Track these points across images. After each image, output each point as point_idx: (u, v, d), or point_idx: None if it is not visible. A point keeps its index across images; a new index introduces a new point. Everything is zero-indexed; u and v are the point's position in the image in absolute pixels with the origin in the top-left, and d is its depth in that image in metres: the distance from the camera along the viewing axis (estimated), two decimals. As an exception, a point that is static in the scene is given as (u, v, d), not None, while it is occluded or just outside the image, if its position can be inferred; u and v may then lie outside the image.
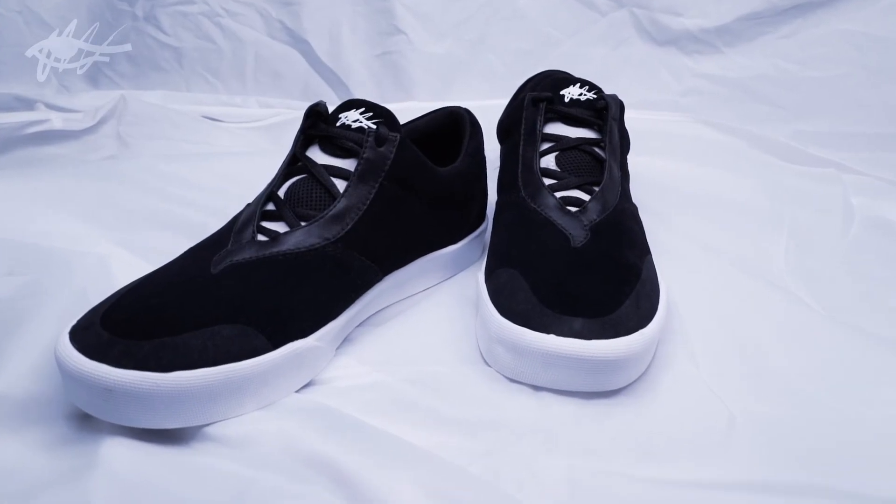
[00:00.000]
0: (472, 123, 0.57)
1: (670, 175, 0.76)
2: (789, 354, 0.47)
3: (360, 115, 0.46)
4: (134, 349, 0.35)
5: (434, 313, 0.51)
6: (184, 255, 0.44)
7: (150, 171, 0.66)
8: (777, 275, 0.59)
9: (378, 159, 0.45)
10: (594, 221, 0.49)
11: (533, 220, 0.50)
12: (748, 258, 0.61)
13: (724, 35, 0.96)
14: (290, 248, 0.42)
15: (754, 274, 0.57)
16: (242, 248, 0.42)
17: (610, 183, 0.52)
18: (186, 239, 0.47)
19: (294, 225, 0.43)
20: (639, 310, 0.43)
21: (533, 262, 0.46)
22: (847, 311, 0.54)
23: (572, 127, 0.55)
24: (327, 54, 0.98)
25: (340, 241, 0.44)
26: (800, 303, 0.54)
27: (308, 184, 0.45)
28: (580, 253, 0.46)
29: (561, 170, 0.53)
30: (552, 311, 0.41)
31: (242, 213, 0.46)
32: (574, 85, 0.57)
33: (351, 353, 0.46)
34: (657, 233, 0.56)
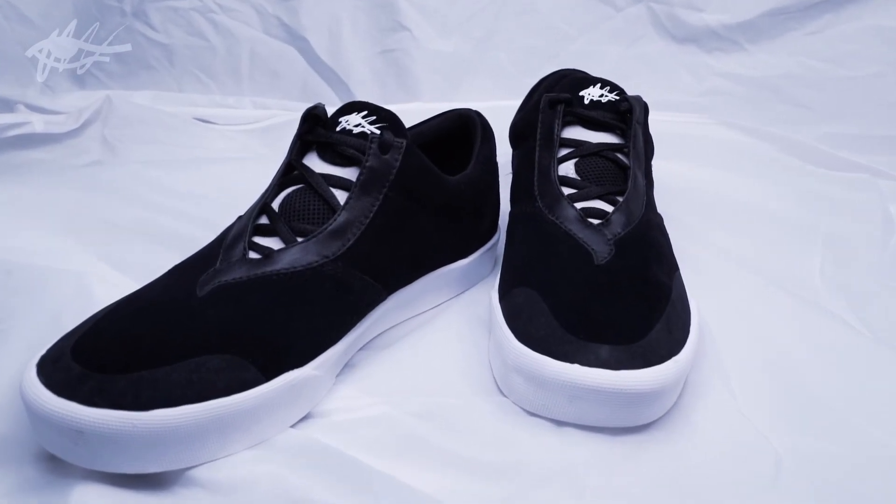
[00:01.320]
0: (484, 127, 0.54)
1: (693, 181, 0.74)
2: (833, 381, 0.45)
3: (362, 120, 0.44)
4: (108, 385, 0.32)
5: (443, 335, 0.48)
6: (168, 275, 0.41)
7: (136, 178, 0.63)
8: (814, 291, 0.57)
9: (382, 168, 0.42)
10: (618, 235, 0.46)
11: (551, 233, 0.47)
12: (781, 273, 0.58)
13: (747, 31, 0.94)
14: (285, 267, 0.39)
15: (789, 290, 0.55)
16: (232, 267, 0.39)
17: (634, 192, 0.49)
18: (174, 253, 0.45)
19: (290, 241, 0.40)
20: (670, 335, 0.40)
21: (553, 282, 0.43)
22: (892, 331, 0.51)
23: (593, 131, 0.52)
24: (327, 52, 0.97)
25: (341, 259, 0.41)
26: (841, 323, 0.51)
27: (305, 195, 0.42)
28: (604, 271, 0.43)
29: (581, 178, 0.50)
30: (575, 337, 0.39)
31: (233, 228, 0.43)
32: (594, 85, 0.54)
33: (352, 382, 0.43)
34: (683, 245, 0.54)
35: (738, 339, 0.48)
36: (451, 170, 0.50)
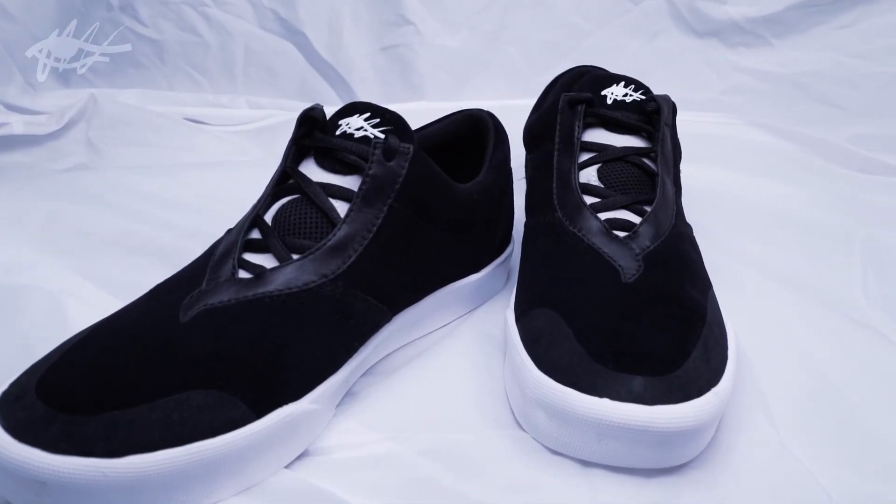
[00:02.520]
0: (497, 129, 0.52)
1: (718, 186, 0.71)
2: (883, 411, 0.42)
3: (364, 122, 0.41)
4: (76, 427, 0.29)
5: (453, 359, 0.45)
6: (148, 296, 0.38)
7: (120, 184, 0.61)
8: (857, 307, 0.54)
9: (387, 176, 0.40)
10: (647, 249, 0.43)
11: (572, 247, 0.44)
12: (820, 287, 0.56)
13: (773, 25, 0.92)
14: (279, 289, 0.36)
15: (830, 306, 0.52)
16: (219, 289, 0.36)
17: (663, 201, 0.47)
18: (160, 268, 0.43)
19: (284, 258, 0.37)
20: (708, 363, 0.37)
21: (576, 302, 0.40)
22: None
23: (617, 134, 0.50)
24: (326, 48, 0.95)
25: (341, 279, 0.38)
26: (889, 343, 0.48)
27: (301, 206, 0.40)
28: (633, 290, 0.41)
29: (605, 185, 0.47)
30: (604, 366, 0.36)
31: (221, 243, 0.40)
32: (617, 84, 0.52)
33: (354, 414, 0.40)
34: (711, 257, 0.51)
35: (777, 363, 0.45)
36: (461, 176, 0.48)
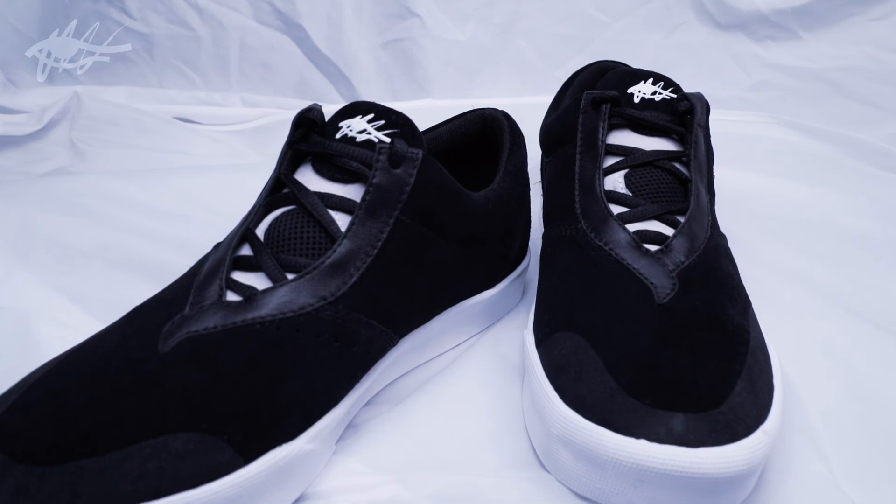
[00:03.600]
0: (513, 131, 0.49)
1: (749, 190, 0.69)
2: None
3: (367, 125, 0.38)
4: (36, 481, 0.26)
5: (466, 387, 0.42)
6: (125, 321, 0.35)
7: (102, 190, 0.59)
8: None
9: (393, 185, 0.37)
10: (682, 265, 0.40)
11: (599, 263, 0.41)
12: (866, 301, 0.52)
13: (802, 17, 0.90)
14: (272, 313, 0.33)
15: (880, 324, 0.49)
16: (204, 314, 0.33)
17: (697, 211, 0.44)
18: (145, 285, 0.42)
19: (278, 278, 0.35)
20: (755, 395, 0.34)
21: (605, 326, 0.37)
22: None
23: (645, 136, 0.47)
24: (326, 42, 0.94)
25: (342, 301, 0.35)
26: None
27: (297, 219, 0.37)
28: (668, 311, 0.38)
29: (633, 193, 0.44)
30: (639, 402, 0.33)
31: (207, 260, 0.37)
32: (645, 81, 0.49)
33: (356, 451, 0.37)
34: (748, 270, 0.48)
35: (823, 388, 0.43)
36: (472, 183, 0.45)
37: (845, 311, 0.50)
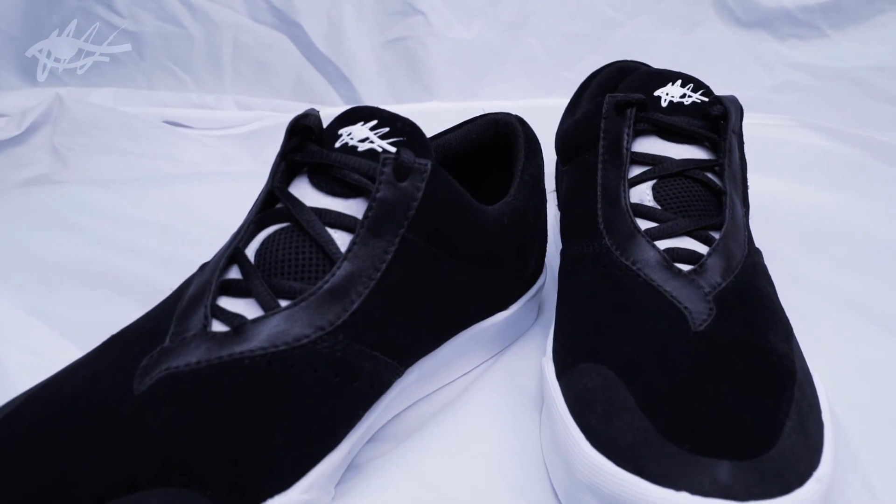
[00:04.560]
0: (528, 138, 0.47)
1: (777, 199, 0.67)
2: None
3: (370, 133, 0.36)
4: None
5: (477, 420, 0.40)
6: (100, 352, 0.32)
7: (82, 200, 0.58)
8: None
9: (399, 200, 0.34)
10: (718, 287, 0.38)
11: (625, 284, 0.39)
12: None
13: (830, 14, 0.89)
14: (263, 346, 0.31)
15: None
16: (186, 347, 0.30)
17: (733, 226, 0.41)
18: (127, 305, 0.39)
19: (269, 305, 0.32)
20: (806, 437, 0.32)
21: (636, 358, 0.35)
22: None
23: (674, 143, 0.45)
24: (325, 41, 0.93)
25: (342, 331, 0.32)
26: None
27: (292, 238, 0.34)
28: (705, 340, 0.35)
29: (662, 207, 0.42)
30: (679, 447, 0.30)
31: (191, 284, 0.34)
32: (673, 82, 0.46)
33: (357, 495, 0.35)
34: (786, 289, 0.46)
35: (873, 423, 0.40)
36: (483, 194, 0.43)
37: (887, 332, 0.48)
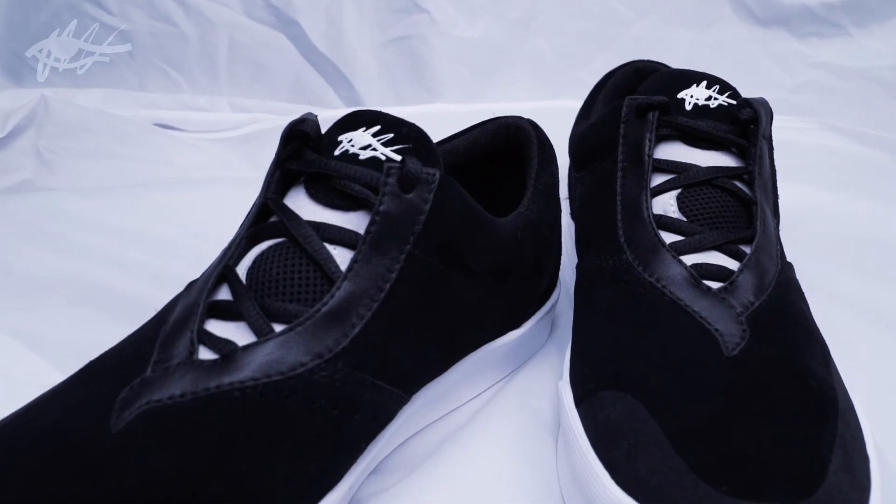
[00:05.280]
0: (542, 143, 0.45)
1: (801, 207, 0.64)
2: None
3: (372, 139, 0.34)
4: None
5: (488, 449, 0.38)
6: (75, 382, 0.30)
7: (65, 208, 0.57)
8: None
9: (404, 214, 0.32)
10: (751, 307, 0.36)
11: (650, 303, 0.37)
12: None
13: (852, 12, 0.88)
14: (255, 376, 0.28)
15: None
16: (170, 377, 0.28)
17: (765, 239, 0.39)
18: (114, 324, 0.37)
19: (262, 330, 0.30)
20: (853, 474, 0.29)
21: (664, 386, 0.33)
22: None
23: (699, 150, 0.43)
24: (324, 40, 0.92)
25: (342, 358, 0.30)
26: None
27: (287, 255, 0.32)
28: (740, 366, 0.33)
29: (688, 218, 0.40)
30: (715, 488, 0.28)
31: (177, 305, 0.32)
32: (698, 84, 0.44)
33: None
34: (818, 306, 0.44)
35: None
36: (493, 204, 0.41)
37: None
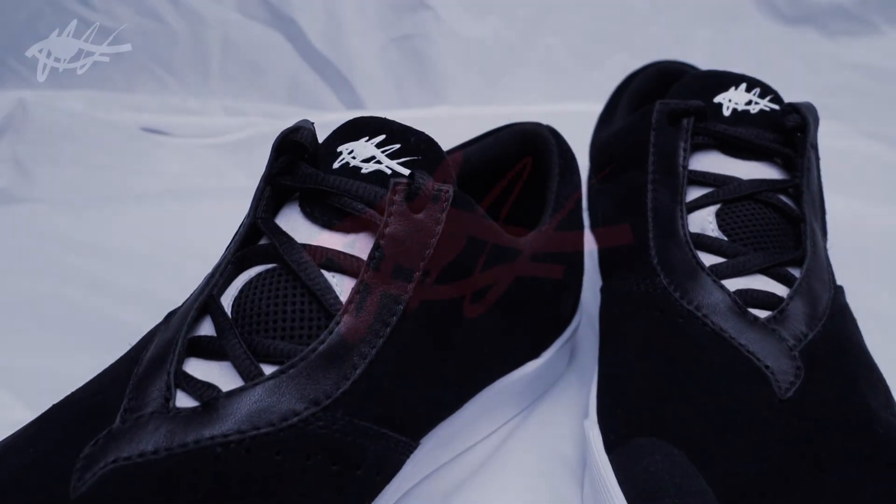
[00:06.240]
0: (563, 153, 0.42)
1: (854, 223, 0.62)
2: None
3: (377, 150, 0.31)
4: None
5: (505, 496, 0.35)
6: (34, 435, 0.27)
7: (42, 223, 0.55)
8: None
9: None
10: (804, 339, 0.33)
11: (690, 335, 0.34)
12: None
13: (886, 7, 0.87)
14: (241, 429, 0.25)
15: None
16: (142, 429, 0.25)
17: (815, 261, 0.36)
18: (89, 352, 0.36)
19: (250, 373, 0.27)
20: None
21: (711, 434, 0.30)
22: None
23: (739, 160, 0.40)
24: (323, 39, 0.91)
25: (342, 406, 0.27)
26: None
27: (278, 284, 0.29)
28: (796, 411, 0.30)
29: (729, 237, 0.37)
30: None
31: (153, 340, 0.29)
32: (736, 86, 0.42)
33: None
34: (869, 334, 0.40)
35: None
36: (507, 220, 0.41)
37: None
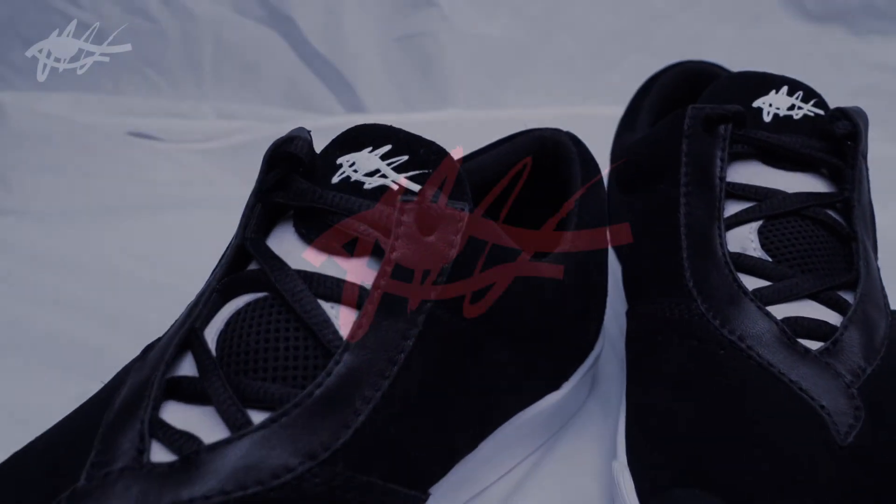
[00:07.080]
0: (585, 162, 0.40)
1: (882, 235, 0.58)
2: None
3: (381, 162, 0.29)
4: None
5: None
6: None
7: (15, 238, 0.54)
8: None
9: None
10: (862, 374, 0.30)
11: (733, 370, 0.32)
12: None
13: None
14: (225, 488, 0.23)
15: None
16: (110, 489, 0.22)
17: (870, 286, 0.34)
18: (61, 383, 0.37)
19: (235, 421, 0.24)
20: None
21: (762, 486, 0.27)
22: None
23: (782, 171, 0.38)
24: (322, 38, 0.90)
25: (342, 458, 0.25)
26: None
27: (270, 315, 0.27)
28: (858, 458, 0.28)
29: (773, 258, 0.35)
30: None
31: (126, 379, 0.26)
32: (777, 90, 0.39)
33: None
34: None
35: None
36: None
37: None
